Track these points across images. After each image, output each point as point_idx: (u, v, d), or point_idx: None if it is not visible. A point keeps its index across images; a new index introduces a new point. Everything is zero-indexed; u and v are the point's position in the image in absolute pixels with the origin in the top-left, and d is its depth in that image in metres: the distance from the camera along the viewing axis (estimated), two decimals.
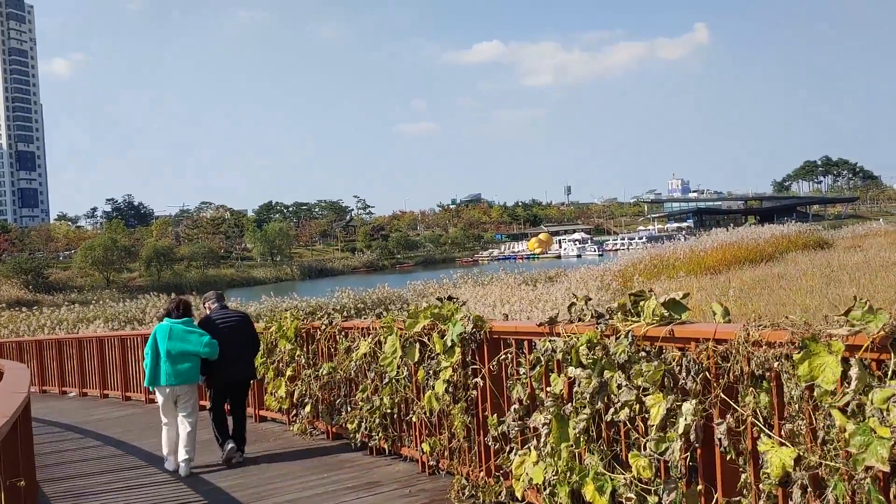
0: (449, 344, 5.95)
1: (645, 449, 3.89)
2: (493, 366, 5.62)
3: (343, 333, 8.15)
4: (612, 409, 4.12)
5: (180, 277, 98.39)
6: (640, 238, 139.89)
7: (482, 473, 5.85)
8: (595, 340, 4.33)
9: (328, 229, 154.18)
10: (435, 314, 6.32)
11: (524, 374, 5.38)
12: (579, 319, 4.72)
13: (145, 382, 8.24)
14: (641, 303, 4.14)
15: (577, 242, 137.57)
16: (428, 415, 6.41)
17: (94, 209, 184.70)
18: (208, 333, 8.04)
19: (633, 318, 4.18)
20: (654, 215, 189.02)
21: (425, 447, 6.53)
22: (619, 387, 4.08)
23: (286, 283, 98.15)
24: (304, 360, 8.92)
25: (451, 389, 5.99)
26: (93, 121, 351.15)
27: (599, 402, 4.21)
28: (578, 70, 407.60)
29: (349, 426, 7.88)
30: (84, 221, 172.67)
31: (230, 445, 8.10)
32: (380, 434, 7.35)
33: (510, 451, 5.38)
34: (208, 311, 8.58)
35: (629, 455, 3.96)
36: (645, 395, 3.93)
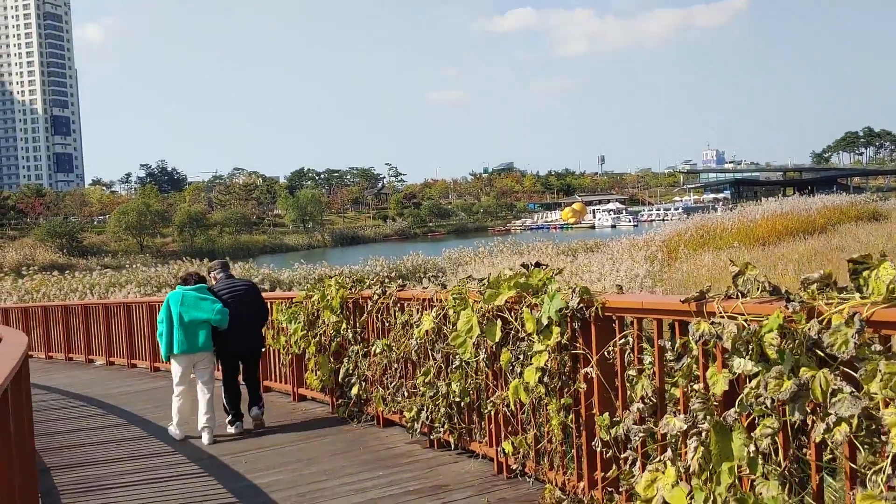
0: (545, 322, 4.73)
1: (881, 487, 2.65)
2: (610, 352, 4.39)
3: (399, 305, 6.97)
4: (818, 425, 2.88)
5: (213, 243, 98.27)
6: (677, 209, 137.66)
7: (583, 485, 4.66)
8: (783, 325, 3.09)
9: (360, 196, 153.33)
10: (521, 284, 5.09)
11: (649, 363, 4.15)
12: (742, 295, 3.47)
13: (163, 353, 8.03)
14: (865, 272, 2.87)
15: (611, 212, 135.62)
16: (512, 407, 5.21)
17: (129, 175, 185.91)
18: (219, 300, 7.93)
19: (848, 295, 2.93)
20: (689, 186, 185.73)
21: (507, 446, 5.35)
22: (833, 393, 2.83)
23: (318, 250, 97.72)
24: (351, 335, 7.76)
25: (545, 379, 4.77)
26: (126, 86, 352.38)
27: (797, 413, 2.97)
28: (612, 38, 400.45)
29: (406, 414, 6.73)
30: (118, 187, 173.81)
31: (237, 427, 8.05)
32: (445, 425, 6.18)
33: (629, 463, 4.17)
34: (214, 282, 8.36)
35: (859, 497, 2.71)
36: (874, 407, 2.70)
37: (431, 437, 6.47)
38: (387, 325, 7.17)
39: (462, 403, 5.99)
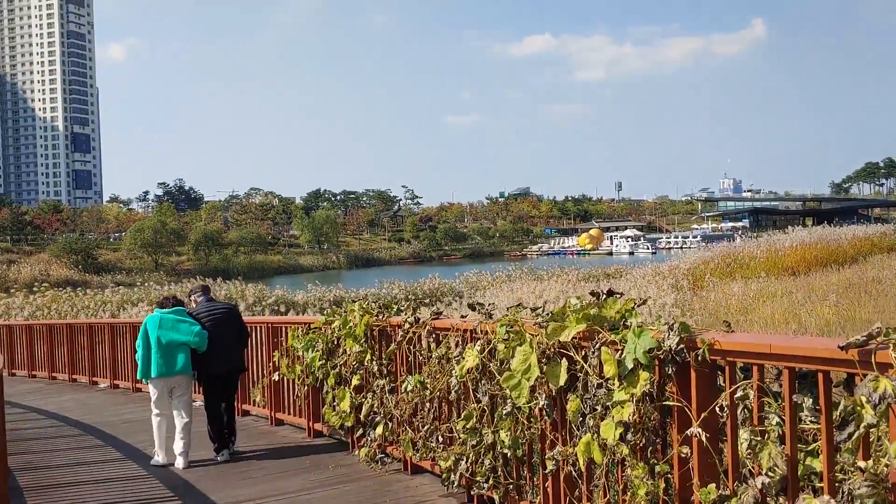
0: (629, 365, 3.80)
1: None
2: (722, 405, 3.45)
3: (434, 336, 6.05)
4: None
5: (228, 262, 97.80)
6: (695, 237, 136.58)
7: None
8: None
9: (375, 218, 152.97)
10: (594, 316, 4.18)
11: (776, 422, 3.22)
12: None
13: (138, 375, 8.06)
14: None
15: (629, 239, 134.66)
16: (580, 467, 4.27)
17: (146, 192, 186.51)
18: (198, 323, 7.94)
19: None
20: (707, 214, 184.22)
21: None
22: None
23: (332, 272, 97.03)
24: (376, 368, 6.83)
25: (629, 436, 3.83)
26: (147, 105, 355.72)
27: None
28: (630, 65, 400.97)
29: (441, 463, 5.78)
30: (136, 204, 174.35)
31: (224, 457, 7.93)
32: (490, 481, 5.23)
33: None
34: (194, 305, 8.37)
35: None
36: None
37: (471, 493, 5.52)
38: (419, 357, 6.25)
39: (511, 456, 5.05)
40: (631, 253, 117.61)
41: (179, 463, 7.67)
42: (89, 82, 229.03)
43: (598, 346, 4.09)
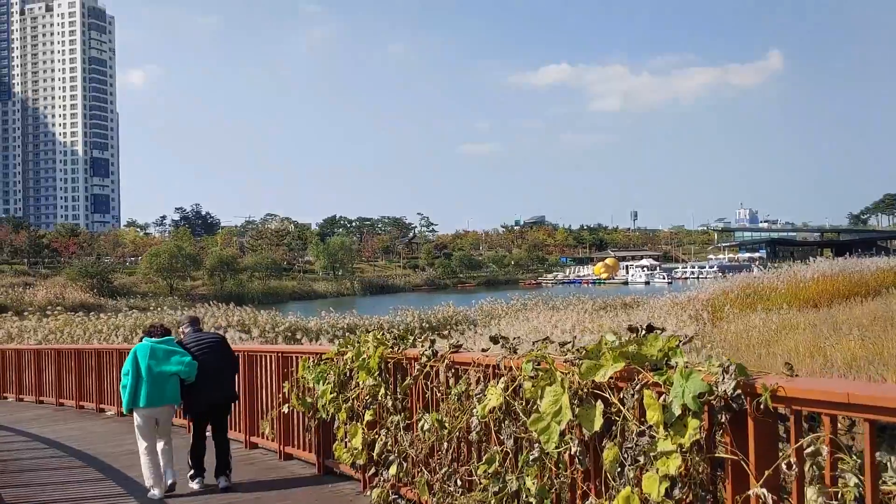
0: (676, 411, 3.38)
1: None
2: (790, 462, 3.01)
3: (452, 371, 5.64)
4: None
5: (243, 287, 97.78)
6: (712, 267, 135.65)
7: None
8: None
9: (391, 245, 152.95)
10: (633, 355, 3.76)
11: (854, 483, 2.79)
12: None
13: (124, 405, 7.89)
14: None
15: (645, 269, 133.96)
16: None
17: (163, 217, 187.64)
18: (188, 353, 7.90)
19: None
20: (724, 244, 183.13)
21: None
22: None
23: (347, 298, 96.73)
24: (391, 403, 6.42)
25: (675, 492, 3.39)
26: (165, 131, 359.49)
27: None
28: (647, 95, 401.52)
29: None
30: (153, 229, 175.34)
31: (198, 484, 7.91)
32: None
33: None
34: (182, 336, 8.37)
35: None
36: None
37: None
38: (437, 393, 5.84)
39: None
40: (647, 283, 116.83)
41: (156, 492, 7.65)
42: (109, 107, 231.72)
43: (638, 387, 3.67)
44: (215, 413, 8.21)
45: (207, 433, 8.23)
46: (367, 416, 6.72)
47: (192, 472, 8.01)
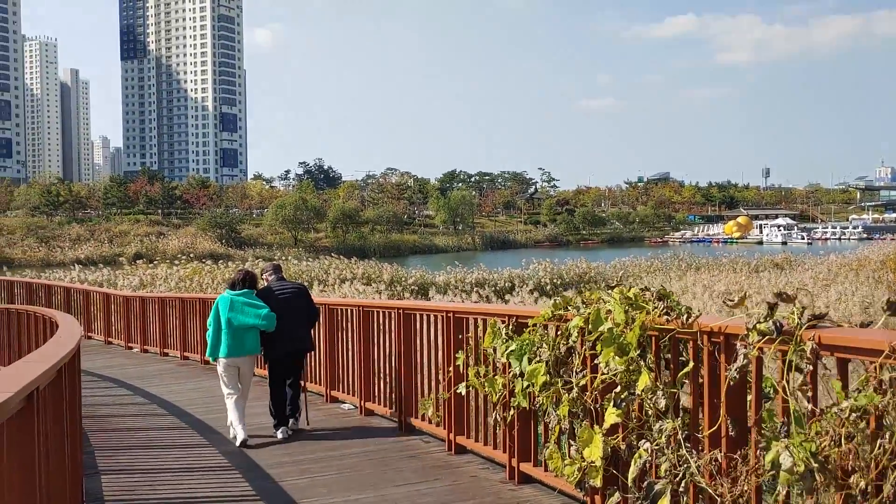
0: None
1: None
2: None
3: (816, 360, 3.15)
4: None
5: (364, 240, 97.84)
6: (856, 228, 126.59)
7: None
8: None
9: (511, 200, 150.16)
10: None
11: None
12: None
13: (207, 353, 8.19)
14: None
15: (781, 228, 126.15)
16: None
17: (287, 171, 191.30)
18: (267, 305, 7.92)
19: None
20: (868, 203, 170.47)
21: None
22: None
23: (467, 253, 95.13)
24: (663, 402, 4.04)
25: None
26: (288, 88, 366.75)
27: None
28: (780, 46, 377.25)
29: None
30: (277, 182, 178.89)
31: (282, 433, 7.91)
32: None
33: None
34: (265, 283, 8.40)
35: None
36: None
37: None
38: (794, 403, 3.37)
39: None
40: (783, 243, 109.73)
41: (239, 437, 7.64)
42: (237, 64, 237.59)
43: None
44: (291, 361, 8.20)
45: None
46: (611, 417, 4.35)
47: (275, 422, 8.01)
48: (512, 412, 5.65)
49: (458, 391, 6.41)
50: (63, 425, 4.49)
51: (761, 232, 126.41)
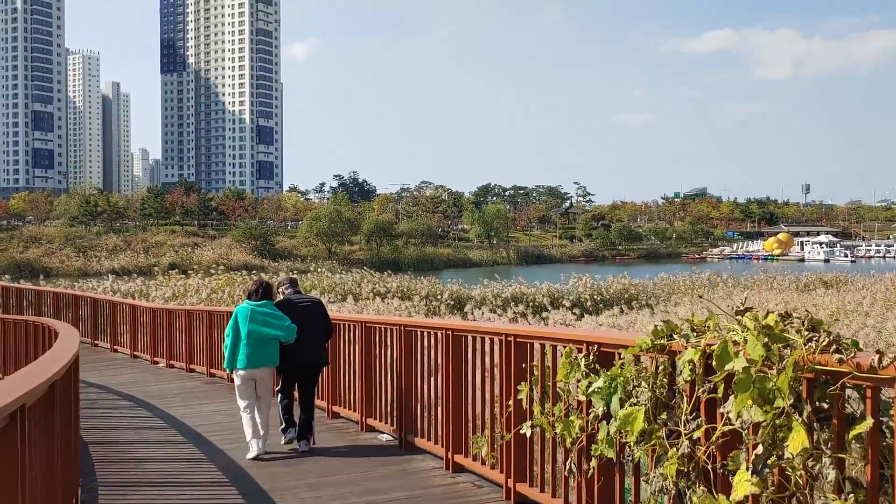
0: None
1: None
2: None
3: None
4: None
5: (398, 253, 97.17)
6: None
7: None
8: None
9: (546, 215, 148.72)
10: None
11: None
12: None
13: (225, 364, 8.07)
14: None
15: (823, 245, 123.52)
16: None
17: (322, 184, 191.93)
18: (287, 316, 7.86)
19: None
20: None
21: None
22: None
23: (501, 267, 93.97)
24: (832, 474, 2.96)
25: None
26: (324, 102, 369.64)
27: None
28: (819, 61, 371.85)
29: None
30: (312, 195, 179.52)
31: (291, 434, 7.96)
32: None
33: None
34: (281, 297, 8.34)
35: None
36: None
37: None
38: None
39: None
40: (826, 260, 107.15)
41: (253, 450, 7.59)
42: (274, 77, 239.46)
43: None
44: (306, 374, 8.18)
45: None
46: (746, 486, 3.28)
47: (283, 426, 8.05)
48: (593, 463, 4.59)
49: (522, 432, 5.35)
50: (54, 444, 4.30)
51: (802, 249, 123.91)
